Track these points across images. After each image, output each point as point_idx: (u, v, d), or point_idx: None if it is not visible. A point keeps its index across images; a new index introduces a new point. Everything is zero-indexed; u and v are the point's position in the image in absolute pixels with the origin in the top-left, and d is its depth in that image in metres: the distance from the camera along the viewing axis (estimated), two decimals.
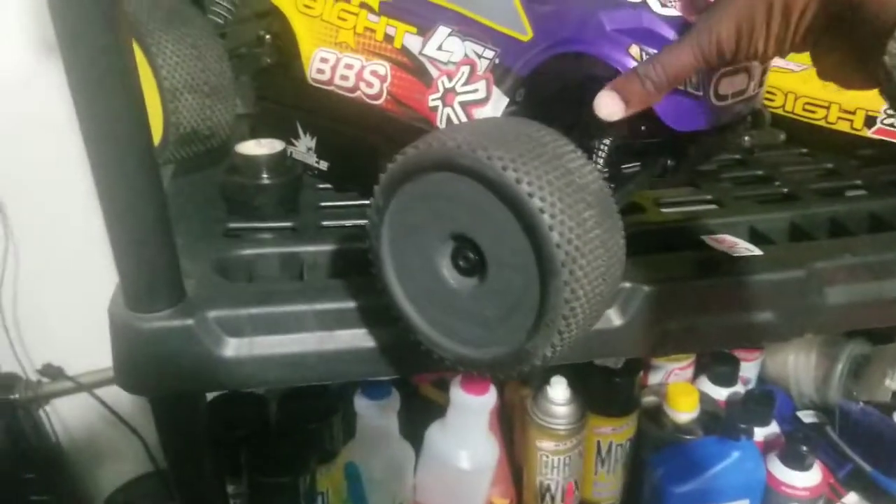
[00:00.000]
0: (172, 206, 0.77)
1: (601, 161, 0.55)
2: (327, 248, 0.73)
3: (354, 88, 0.71)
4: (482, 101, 0.61)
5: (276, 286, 0.65)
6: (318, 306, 0.63)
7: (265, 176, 0.76)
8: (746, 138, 0.68)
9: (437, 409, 1.04)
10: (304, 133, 0.85)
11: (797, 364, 1.22)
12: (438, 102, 0.64)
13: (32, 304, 1.33)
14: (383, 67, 0.68)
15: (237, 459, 0.91)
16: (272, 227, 0.77)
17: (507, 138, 0.45)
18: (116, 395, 1.37)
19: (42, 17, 1.06)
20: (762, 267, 0.70)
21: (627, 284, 0.65)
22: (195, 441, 0.67)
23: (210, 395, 0.96)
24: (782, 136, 0.86)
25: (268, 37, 0.85)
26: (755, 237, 0.80)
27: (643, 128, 0.58)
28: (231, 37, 0.87)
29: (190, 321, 0.59)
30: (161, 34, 0.72)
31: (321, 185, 0.86)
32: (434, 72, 0.65)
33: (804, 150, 0.99)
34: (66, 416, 1.43)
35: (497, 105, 0.61)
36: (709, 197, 0.85)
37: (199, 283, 0.64)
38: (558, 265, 0.43)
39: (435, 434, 1.00)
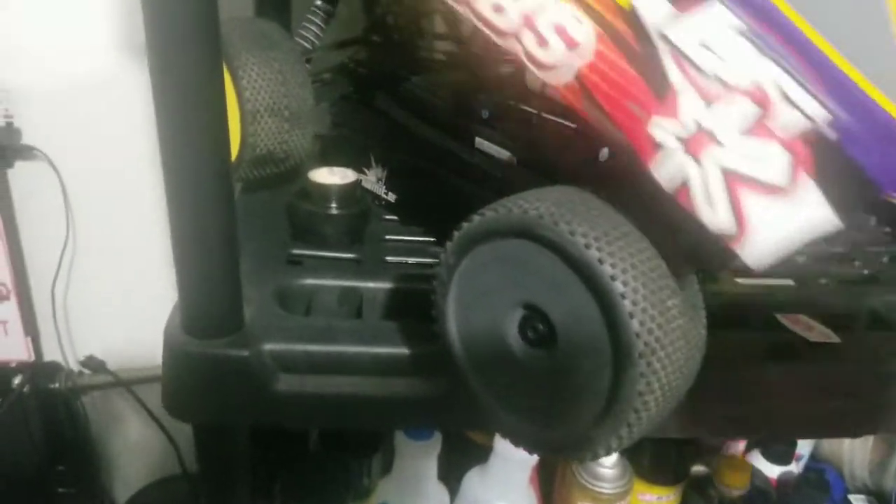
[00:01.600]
0: (239, 225, 0.78)
1: None
2: (388, 285, 0.71)
3: (512, 34, 0.42)
4: (773, 189, 0.35)
5: (334, 323, 0.64)
6: (376, 349, 0.61)
7: (334, 205, 0.75)
8: None
9: (478, 451, 1.01)
10: (376, 164, 0.84)
11: (853, 446, 1.17)
12: (672, 140, 0.37)
13: (85, 296, 1.34)
14: (583, 29, 0.39)
15: (272, 485, 0.90)
16: (336, 258, 0.76)
17: (592, 213, 0.43)
18: (154, 395, 1.37)
19: (132, 18, 1.09)
20: (839, 355, 0.66)
21: None
22: (234, 471, 0.66)
23: None
24: (872, 220, 0.82)
25: (351, 65, 0.85)
26: (832, 320, 0.75)
27: None
28: (316, 62, 0.87)
29: (245, 352, 0.58)
30: (248, 56, 0.72)
31: (388, 217, 0.85)
32: (678, 78, 0.37)
33: (888, 229, 0.94)
34: (103, 410, 1.44)
35: (803, 209, 0.35)
36: (784, 271, 0.81)
37: (258, 312, 0.63)
38: (635, 356, 0.40)
39: (473, 480, 0.97)
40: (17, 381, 1.32)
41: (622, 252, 0.41)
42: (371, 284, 0.71)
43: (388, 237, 0.81)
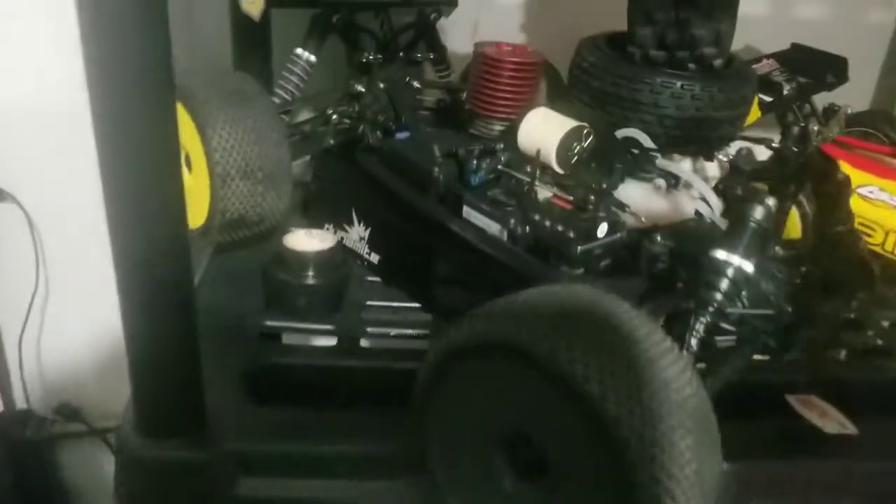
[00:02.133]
0: (208, 292, 0.73)
1: (695, 339, 0.47)
2: (367, 364, 0.66)
3: None
4: None
5: (305, 415, 0.58)
6: (352, 448, 0.55)
7: (311, 274, 0.69)
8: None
9: None
10: (359, 222, 0.79)
11: None
12: None
13: (57, 341, 1.28)
14: None
15: None
16: (312, 329, 0.70)
17: (591, 332, 0.37)
18: None
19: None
20: (854, 451, 0.60)
21: None
22: None
23: None
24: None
25: (334, 117, 0.79)
26: (844, 402, 0.70)
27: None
28: (296, 114, 0.82)
29: (205, 455, 0.53)
30: (218, 114, 0.66)
31: (370, 278, 0.79)
32: None
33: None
34: (78, 459, 1.37)
35: None
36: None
37: (222, 401, 0.57)
38: None
39: None
40: None
41: (628, 385, 0.35)
42: (349, 363, 0.66)
43: (369, 303, 0.75)
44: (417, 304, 0.75)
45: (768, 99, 0.96)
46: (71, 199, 1.11)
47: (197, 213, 0.71)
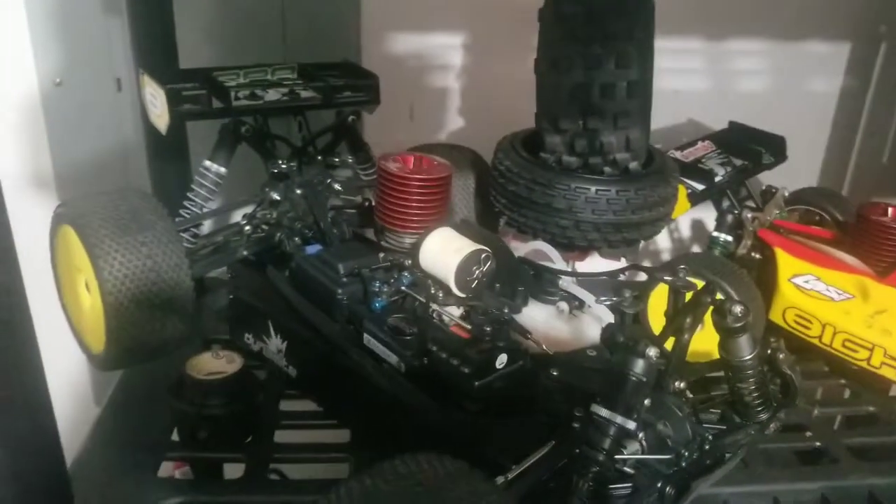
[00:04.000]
0: (116, 417, 0.70)
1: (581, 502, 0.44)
2: (273, 499, 0.62)
3: None
4: None
5: None
6: None
7: (216, 403, 0.66)
8: (772, 426, 0.57)
9: None
10: (276, 334, 0.76)
11: None
12: None
13: None
14: None
15: None
16: (218, 458, 0.67)
17: None
18: None
19: None
20: None
21: None
22: None
23: None
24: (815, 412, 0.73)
25: (247, 228, 0.77)
26: None
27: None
28: (210, 225, 0.80)
29: None
30: (111, 242, 0.64)
31: (290, 391, 0.76)
32: None
33: (843, 381, 0.87)
34: None
35: None
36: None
37: None
38: None
39: None
40: None
41: None
42: (257, 499, 0.62)
43: (284, 422, 0.72)
44: (334, 421, 0.72)
45: (700, 187, 0.95)
46: None
47: (98, 338, 0.68)
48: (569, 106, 0.70)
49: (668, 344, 0.52)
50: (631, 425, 0.45)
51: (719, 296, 0.50)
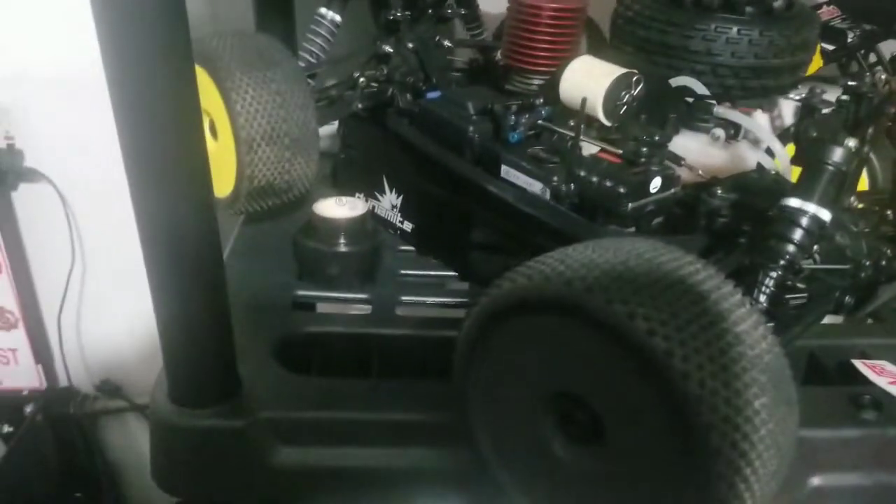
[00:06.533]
0: (239, 262, 0.71)
1: (764, 296, 0.43)
2: (403, 332, 0.63)
3: None
4: None
5: (341, 385, 0.56)
6: (389, 416, 0.53)
7: (342, 242, 0.67)
8: None
9: None
10: (390, 189, 0.76)
11: None
12: None
13: (96, 320, 1.29)
14: None
15: None
16: (346, 298, 0.68)
17: (653, 283, 0.34)
18: None
19: None
20: None
21: None
22: None
23: None
24: None
25: (361, 80, 0.76)
26: None
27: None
28: (322, 77, 0.79)
29: (240, 423, 0.51)
30: (242, 76, 0.64)
31: (403, 248, 0.76)
32: None
33: None
34: (119, 435, 1.39)
35: None
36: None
37: (256, 370, 0.55)
38: (715, 477, 0.31)
39: None
40: (29, 408, 1.27)
41: (697, 340, 0.32)
42: (385, 331, 0.63)
43: (403, 272, 0.73)
44: (453, 273, 0.72)
45: (830, 48, 0.90)
46: (100, 175, 1.11)
47: (224, 182, 0.69)
48: None
49: None
50: (825, 215, 0.43)
51: None
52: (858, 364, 0.62)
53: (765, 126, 0.63)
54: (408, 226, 0.76)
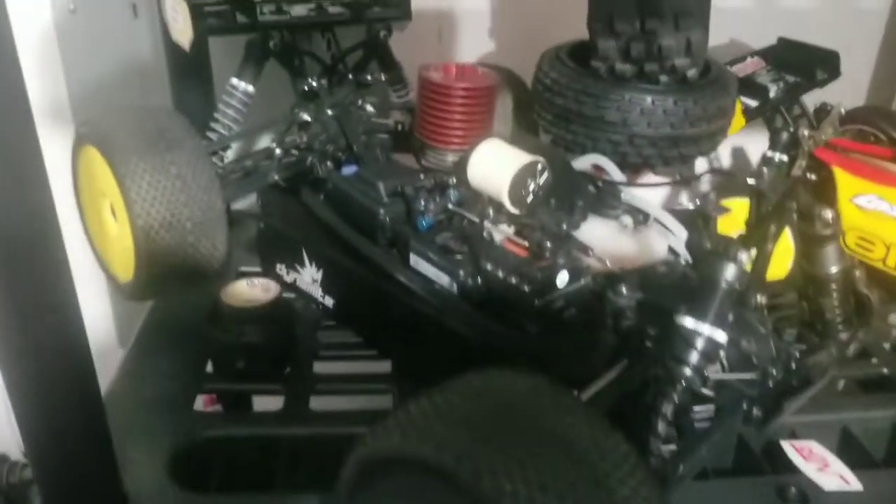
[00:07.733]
0: (143, 354, 0.67)
1: (664, 419, 0.41)
2: (314, 431, 0.60)
3: None
4: None
5: (240, 501, 0.52)
6: None
7: (252, 331, 0.63)
8: (852, 347, 0.53)
9: None
10: (310, 262, 0.73)
11: None
12: None
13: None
14: None
15: None
16: (256, 389, 0.64)
17: (526, 446, 0.31)
18: None
19: None
20: None
21: None
22: None
23: None
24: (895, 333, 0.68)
25: (278, 151, 0.73)
26: (847, 444, 0.63)
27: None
28: (238, 148, 0.76)
29: None
30: (139, 161, 0.60)
31: (327, 323, 0.73)
32: None
33: None
34: None
35: None
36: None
37: (147, 487, 0.51)
38: None
39: None
40: None
41: None
42: (296, 431, 0.60)
43: (322, 353, 0.69)
44: (374, 352, 0.69)
45: (753, 103, 0.89)
46: None
47: (127, 266, 0.65)
48: (625, 4, 0.64)
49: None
50: (721, 336, 0.41)
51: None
52: (787, 446, 0.60)
53: (668, 215, 0.61)
54: (329, 301, 0.72)
